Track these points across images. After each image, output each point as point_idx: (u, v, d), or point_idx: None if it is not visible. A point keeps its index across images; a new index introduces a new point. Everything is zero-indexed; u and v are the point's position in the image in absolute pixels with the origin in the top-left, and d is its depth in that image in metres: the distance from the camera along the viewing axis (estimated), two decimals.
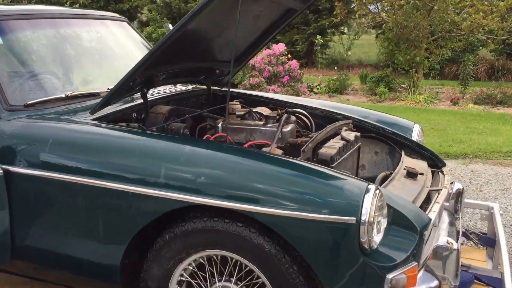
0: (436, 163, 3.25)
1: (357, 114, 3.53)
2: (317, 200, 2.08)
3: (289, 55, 13.26)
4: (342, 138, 2.89)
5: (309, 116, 3.35)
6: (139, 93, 2.87)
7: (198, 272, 2.34)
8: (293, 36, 16.73)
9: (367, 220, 2.04)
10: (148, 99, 3.02)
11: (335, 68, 15.98)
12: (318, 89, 12.87)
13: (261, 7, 3.06)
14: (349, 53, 16.39)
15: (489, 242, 3.49)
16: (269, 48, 12.73)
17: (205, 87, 3.62)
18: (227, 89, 3.72)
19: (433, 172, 3.16)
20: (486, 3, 11.27)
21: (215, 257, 2.30)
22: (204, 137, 2.99)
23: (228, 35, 3.20)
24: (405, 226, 2.25)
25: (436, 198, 2.65)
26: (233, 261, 2.26)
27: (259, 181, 2.16)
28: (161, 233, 2.32)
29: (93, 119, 2.64)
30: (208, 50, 3.17)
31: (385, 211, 2.17)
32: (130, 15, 18.11)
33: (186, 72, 3.33)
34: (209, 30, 2.89)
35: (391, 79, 12.19)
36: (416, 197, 2.59)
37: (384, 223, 2.18)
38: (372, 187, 2.11)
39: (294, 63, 12.38)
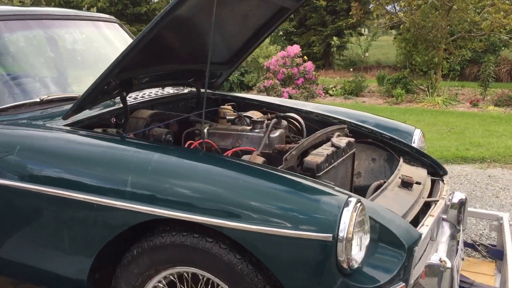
0: (437, 171, 3.03)
1: (355, 118, 3.34)
2: (290, 214, 1.90)
3: (305, 57, 13.07)
4: (333, 145, 2.70)
5: (301, 121, 3.17)
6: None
7: None
8: (310, 37, 16.52)
9: (345, 236, 1.85)
10: (130, 103, 2.89)
11: (352, 69, 15.72)
12: (333, 91, 12.65)
13: (249, 6, 2.89)
14: (366, 54, 16.09)
15: (498, 254, 3.27)
16: (283, 49, 12.58)
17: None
18: (218, 92, 3.58)
19: (433, 181, 2.95)
20: (507, 2, 10.91)
21: (186, 275, 2.13)
22: (186, 144, 2.83)
23: (214, 36, 3.05)
24: (391, 243, 2.06)
25: (431, 211, 2.44)
26: (205, 279, 2.09)
27: (230, 193, 1.99)
28: (130, 247, 2.17)
29: (66, 125, 2.50)
30: (192, 51, 3.02)
31: (367, 226, 1.98)
32: (147, 18, 18.08)
33: (172, 74, 3.17)
34: (190, 31, 2.73)
35: (408, 80, 11.90)
36: (410, 209, 2.39)
37: (366, 240, 1.99)
38: (352, 200, 1.93)
39: (309, 64, 12.18)
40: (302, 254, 1.89)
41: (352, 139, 2.94)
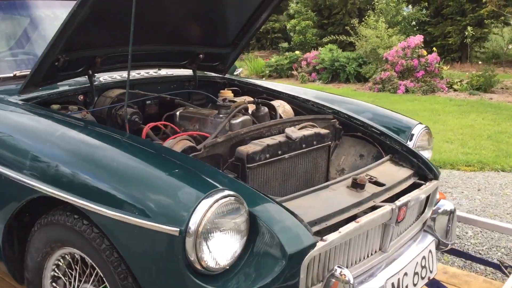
0: (425, 174, 2.60)
1: (353, 109, 3.00)
2: (149, 203, 1.76)
3: (434, 49, 12.20)
4: (287, 136, 2.44)
5: (278, 109, 2.93)
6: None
7: (67, 270, 2.15)
8: (445, 27, 15.26)
9: (195, 232, 1.65)
10: (106, 82, 2.91)
11: (493, 63, 14.25)
12: (459, 85, 11.59)
13: None
14: (510, 46, 14.45)
15: None
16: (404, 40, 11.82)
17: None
18: (228, 77, 3.46)
19: (419, 185, 2.53)
20: None
21: (77, 256, 2.09)
22: (147, 126, 2.76)
23: (205, 13, 2.94)
24: (273, 248, 1.80)
25: (363, 217, 2.09)
26: (89, 261, 2.03)
27: (104, 175, 1.90)
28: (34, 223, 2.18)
29: (23, 100, 2.57)
30: (174, 31, 2.93)
31: (232, 223, 1.75)
32: (279, 9, 18.23)
33: (163, 56, 3.12)
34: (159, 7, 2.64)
35: None
36: (338, 212, 2.07)
37: (236, 241, 1.76)
38: (219, 193, 1.72)
39: (432, 56, 11.33)
40: (153, 248, 1.75)
41: (324, 131, 2.64)
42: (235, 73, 8.19)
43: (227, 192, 1.75)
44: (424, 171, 2.60)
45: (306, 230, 1.85)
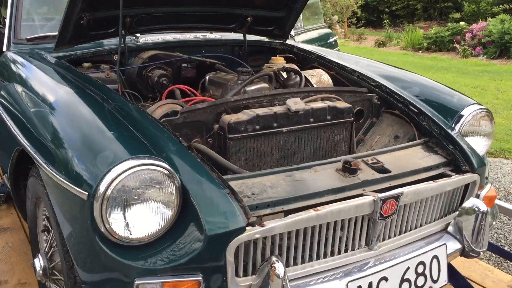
0: (459, 165, 2.15)
1: (400, 84, 2.59)
2: (72, 162, 1.71)
3: None
4: (288, 109, 2.19)
5: (319, 77, 2.65)
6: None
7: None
8: None
9: (102, 197, 1.56)
10: (144, 43, 2.91)
11: None
12: None
13: None
14: None
15: None
16: None
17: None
18: (290, 43, 3.26)
19: (447, 175, 2.11)
20: None
21: None
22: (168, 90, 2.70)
23: None
24: (196, 228, 1.64)
25: (330, 206, 1.78)
26: None
27: (58, 133, 1.88)
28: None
29: (56, 57, 2.69)
30: None
31: (153, 195, 1.62)
32: None
33: (209, 18, 3.01)
34: None
35: None
36: (302, 197, 1.79)
37: (156, 213, 1.63)
38: (139, 160, 1.60)
39: None
40: (72, 209, 1.70)
41: (344, 106, 2.32)
42: (329, 41, 7.70)
43: (150, 161, 1.61)
44: (458, 161, 2.15)
45: (237, 212, 1.63)
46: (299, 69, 2.70)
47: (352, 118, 2.36)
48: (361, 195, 1.88)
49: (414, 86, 2.56)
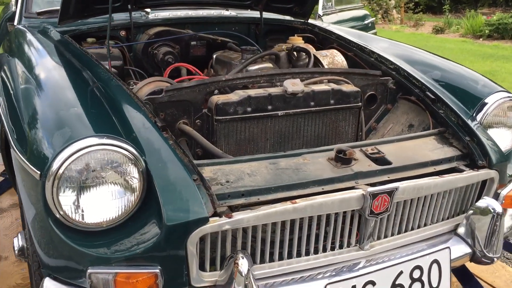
0: (474, 159, 1.90)
1: (421, 67, 2.35)
2: (31, 139, 1.60)
3: None
4: (285, 91, 2.00)
5: (332, 59, 2.44)
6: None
7: None
8: None
9: (53, 177, 1.43)
10: (152, 20, 2.79)
11: None
12: None
13: None
14: None
15: None
16: None
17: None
18: (312, 22, 3.07)
19: (459, 170, 1.88)
20: None
21: None
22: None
23: None
24: (156, 216, 1.50)
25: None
26: None
27: (29, 109, 1.77)
28: None
29: (60, 31, 2.60)
30: None
31: (111, 178, 1.49)
32: None
33: None
34: None
35: None
36: (282, 187, 1.61)
37: (113, 198, 1.50)
38: (87, 141, 1.47)
39: None
40: (32, 189, 1.59)
41: (352, 89, 2.11)
42: (365, 22, 7.26)
43: (109, 141, 1.48)
44: (474, 155, 1.91)
45: (201, 201, 1.48)
46: (309, 49, 2.50)
47: (360, 104, 2.14)
48: (352, 188, 1.68)
49: (436, 70, 2.30)
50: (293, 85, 2.01)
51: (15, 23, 2.85)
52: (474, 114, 2.06)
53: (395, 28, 15.58)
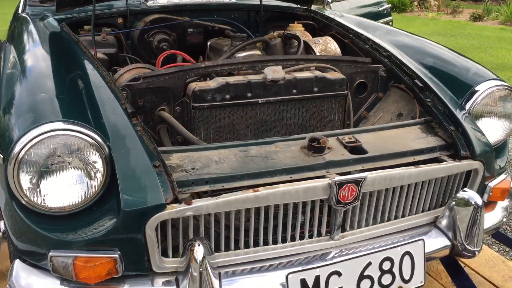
0: (457, 149, 1.84)
1: (413, 54, 2.28)
2: (4, 127, 1.61)
3: None
4: (265, 78, 1.97)
5: (325, 46, 2.40)
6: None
7: None
8: None
9: (14, 160, 1.45)
10: (150, 7, 2.80)
11: None
12: None
13: None
14: None
15: None
16: None
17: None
18: (316, 9, 3.02)
19: (441, 161, 1.82)
20: None
21: None
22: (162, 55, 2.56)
23: None
24: (114, 202, 1.52)
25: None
26: None
27: (7, 96, 1.80)
28: None
29: (58, 19, 2.63)
30: None
31: (73, 163, 1.50)
32: None
33: None
34: None
35: None
36: (249, 175, 1.60)
37: (74, 182, 1.52)
38: (49, 125, 1.48)
39: None
40: (1, 170, 1.61)
41: (337, 77, 2.07)
42: (379, 9, 7.03)
43: (71, 126, 1.50)
44: (456, 145, 1.84)
45: (160, 187, 1.48)
46: (301, 36, 2.45)
47: (346, 91, 2.09)
48: (322, 177, 1.64)
49: (428, 57, 2.23)
50: (274, 72, 1.98)
51: (19, 11, 2.91)
52: (463, 103, 1.99)
53: (431, 15, 15.18)
